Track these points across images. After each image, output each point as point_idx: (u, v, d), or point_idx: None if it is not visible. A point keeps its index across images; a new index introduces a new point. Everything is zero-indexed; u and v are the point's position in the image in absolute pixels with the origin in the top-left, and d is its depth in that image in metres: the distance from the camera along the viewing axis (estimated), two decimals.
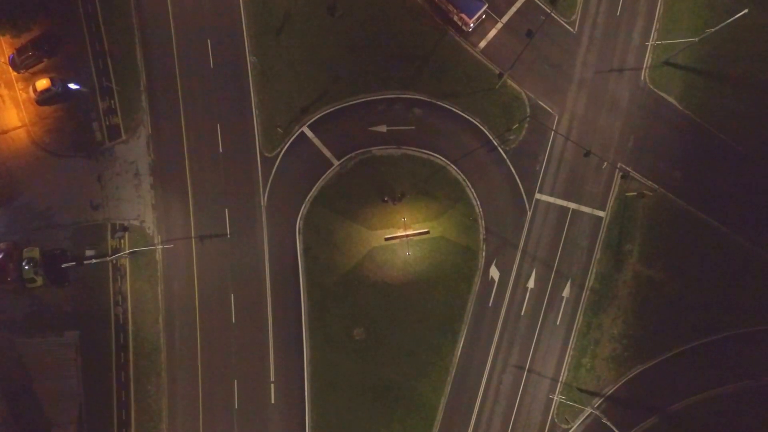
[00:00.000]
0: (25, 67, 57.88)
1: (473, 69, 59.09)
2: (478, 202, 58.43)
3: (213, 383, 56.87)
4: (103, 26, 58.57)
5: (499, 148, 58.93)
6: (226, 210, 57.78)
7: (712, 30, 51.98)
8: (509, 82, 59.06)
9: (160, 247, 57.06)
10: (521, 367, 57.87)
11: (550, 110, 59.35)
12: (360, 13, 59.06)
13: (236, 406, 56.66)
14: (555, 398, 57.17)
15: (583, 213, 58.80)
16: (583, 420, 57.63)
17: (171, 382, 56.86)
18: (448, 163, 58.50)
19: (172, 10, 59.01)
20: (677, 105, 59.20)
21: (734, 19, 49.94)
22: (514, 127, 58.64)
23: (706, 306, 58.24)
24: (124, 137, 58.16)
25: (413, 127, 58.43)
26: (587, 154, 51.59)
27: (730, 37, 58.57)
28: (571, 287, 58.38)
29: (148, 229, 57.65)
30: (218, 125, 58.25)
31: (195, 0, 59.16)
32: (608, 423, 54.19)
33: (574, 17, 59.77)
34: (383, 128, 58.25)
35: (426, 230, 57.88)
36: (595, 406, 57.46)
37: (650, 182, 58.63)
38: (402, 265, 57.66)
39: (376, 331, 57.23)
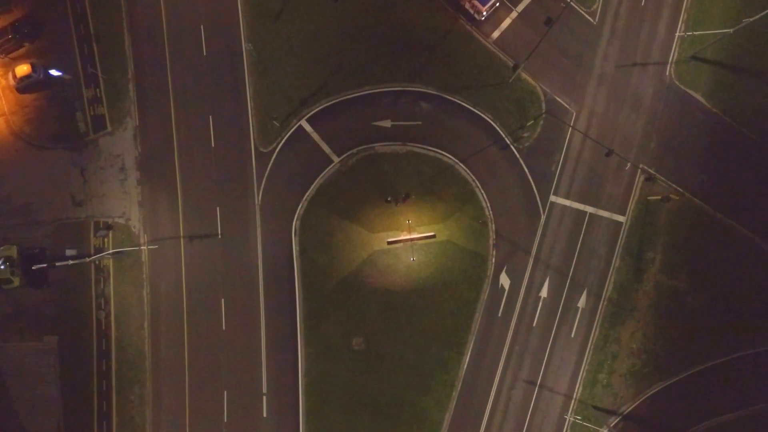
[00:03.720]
0: (5, 52, 56.64)
1: (485, 61, 57.18)
2: (488, 204, 56.48)
3: (201, 394, 55.67)
4: (89, 9, 57.23)
5: (511, 147, 56.94)
6: (218, 209, 56.46)
7: (751, 20, 49.16)
8: (524, 75, 57.06)
9: (146, 247, 55.86)
10: (532, 383, 55.81)
11: (568, 106, 57.26)
12: None
13: (225, 419, 55.53)
14: (568, 418, 54.56)
15: (602, 217, 56.57)
16: None
17: (156, 392, 55.77)
18: (457, 161, 56.63)
19: None
20: (705, 103, 56.84)
21: None
22: (529, 123, 56.62)
23: (732, 320, 55.78)
24: (109, 129, 56.96)
25: (420, 123, 56.82)
26: (609, 153, 48.79)
27: (764, 30, 56.25)
28: (587, 297, 56.26)
29: (134, 228, 56.38)
30: (210, 118, 56.89)
31: None
32: None
33: (594, 6, 57.59)
34: (387, 123, 56.68)
35: (432, 234, 56.05)
36: (612, 425, 55.35)
37: (674, 185, 56.09)
38: (405, 270, 55.91)
39: (377, 342, 55.67)
